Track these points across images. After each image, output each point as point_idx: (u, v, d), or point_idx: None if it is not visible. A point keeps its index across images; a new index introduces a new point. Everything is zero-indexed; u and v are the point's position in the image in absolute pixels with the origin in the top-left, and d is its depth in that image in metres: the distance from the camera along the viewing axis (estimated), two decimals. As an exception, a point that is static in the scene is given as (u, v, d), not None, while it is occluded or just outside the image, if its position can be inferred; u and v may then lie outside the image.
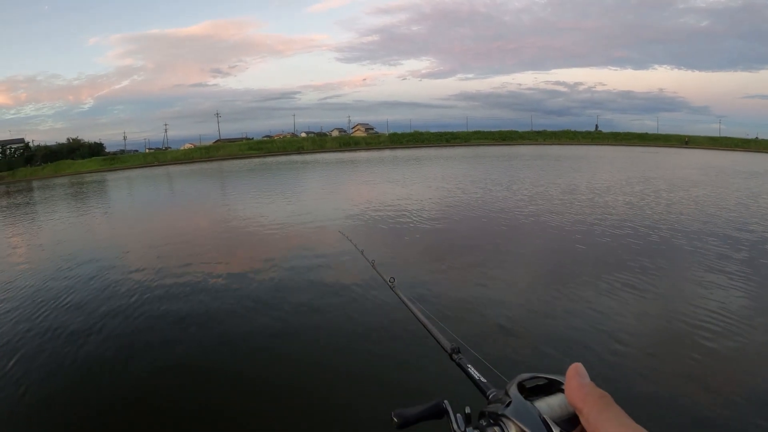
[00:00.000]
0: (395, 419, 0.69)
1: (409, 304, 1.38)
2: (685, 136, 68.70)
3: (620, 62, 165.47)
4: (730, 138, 67.46)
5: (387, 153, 48.94)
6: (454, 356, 0.93)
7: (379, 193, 16.34)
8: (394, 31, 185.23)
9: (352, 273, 6.90)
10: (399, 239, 9.29)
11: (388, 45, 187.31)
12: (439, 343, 1.04)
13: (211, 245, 9.58)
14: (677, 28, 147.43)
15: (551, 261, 7.59)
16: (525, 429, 0.51)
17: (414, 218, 11.20)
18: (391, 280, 1.71)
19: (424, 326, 1.17)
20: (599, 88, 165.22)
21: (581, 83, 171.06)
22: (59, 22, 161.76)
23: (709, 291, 5.85)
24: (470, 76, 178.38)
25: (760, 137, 68.50)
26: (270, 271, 7.35)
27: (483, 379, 0.78)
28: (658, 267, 6.90)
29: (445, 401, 0.67)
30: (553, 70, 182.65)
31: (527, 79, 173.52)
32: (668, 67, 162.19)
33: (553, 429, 0.49)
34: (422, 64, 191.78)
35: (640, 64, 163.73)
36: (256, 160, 47.77)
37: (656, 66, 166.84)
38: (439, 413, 0.67)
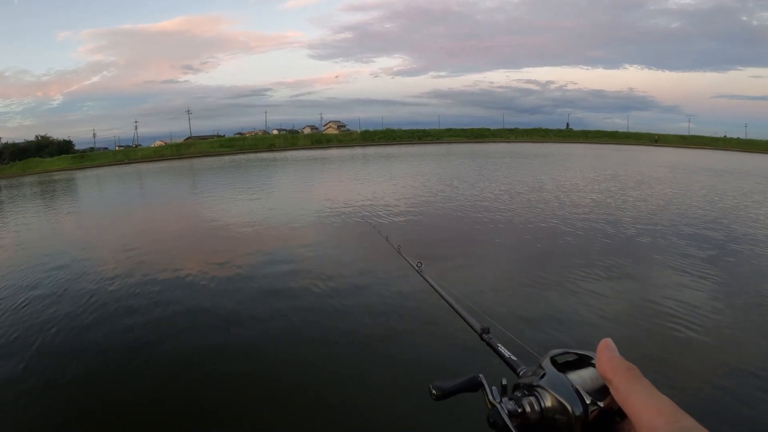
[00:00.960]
0: (434, 391, 0.71)
1: (437, 287, 1.39)
2: (655, 135, 69.94)
3: (592, 62, 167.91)
4: (699, 137, 68.95)
5: (359, 150, 49.15)
6: (484, 336, 0.95)
7: (362, 190, 16.56)
8: (367, 29, 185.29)
9: (375, 260, 7.28)
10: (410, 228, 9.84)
11: (361, 42, 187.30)
12: (468, 324, 1.05)
13: (199, 246, 9.43)
14: (649, 29, 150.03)
15: (556, 249, 8.10)
16: (559, 398, 0.53)
17: (410, 209, 11.77)
18: (419, 264, 1.71)
19: (453, 308, 1.18)
20: (570, 86, 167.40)
21: (553, 82, 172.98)
22: (29, 17, 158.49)
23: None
24: (443, 74, 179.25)
25: (729, 136, 70.31)
26: (292, 261, 7.61)
27: (513, 357, 0.80)
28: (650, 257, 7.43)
29: (480, 375, 0.69)
30: (525, 69, 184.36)
31: (499, 78, 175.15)
32: (639, 67, 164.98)
33: (585, 398, 0.52)
34: (395, 61, 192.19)
35: (612, 63, 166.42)
36: (229, 157, 47.55)
37: (627, 66, 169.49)
38: (475, 386, 0.69)
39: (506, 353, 0.83)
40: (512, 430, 0.57)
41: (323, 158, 38.36)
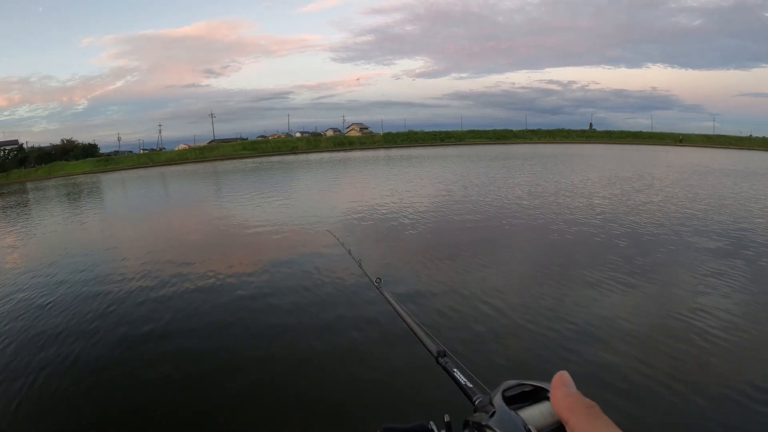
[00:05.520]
0: None
1: (396, 305, 1.33)
2: (679, 134, 68.89)
3: (614, 61, 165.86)
4: (724, 136, 67.74)
5: (381, 152, 48.99)
6: (440, 360, 0.91)
7: (372, 193, 16.34)
8: (388, 31, 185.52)
9: (340, 273, 6.92)
10: (387, 239, 9.34)
11: (382, 45, 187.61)
12: (425, 346, 1.01)
13: (203, 248, 9.42)
14: (670, 28, 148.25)
15: (534, 263, 7.45)
16: None
17: (404, 218, 11.25)
18: (378, 280, 1.66)
19: (410, 328, 1.14)
20: (592, 86, 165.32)
21: (574, 82, 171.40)
22: (53, 23, 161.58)
23: (703, 294, 5.81)
24: (464, 75, 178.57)
25: (754, 135, 68.94)
26: (258, 273, 7.30)
27: (469, 384, 0.76)
28: (643, 268, 6.80)
29: (431, 422, 0.66)
30: (546, 69, 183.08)
31: (520, 78, 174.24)
32: (661, 66, 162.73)
33: None
34: (416, 63, 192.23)
35: (634, 62, 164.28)
36: (251, 160, 47.72)
37: (649, 65, 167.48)
38: None
39: (462, 379, 0.79)
40: None
41: (349, 160, 38.34)
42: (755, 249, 7.74)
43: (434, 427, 0.65)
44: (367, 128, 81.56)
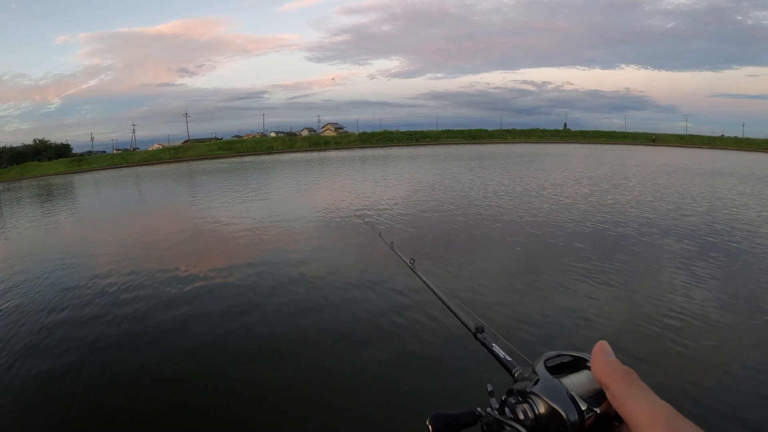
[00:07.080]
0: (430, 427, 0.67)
1: (431, 285, 1.35)
2: (652, 134, 70.37)
3: (588, 62, 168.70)
4: (696, 136, 69.45)
5: (357, 152, 49.24)
6: (479, 335, 0.94)
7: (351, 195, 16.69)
8: (364, 31, 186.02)
9: (370, 256, 7.34)
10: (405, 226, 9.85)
11: (358, 44, 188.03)
12: (462, 322, 1.03)
13: (214, 244, 9.54)
14: (645, 30, 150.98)
15: (551, 250, 8.01)
16: (553, 405, 0.52)
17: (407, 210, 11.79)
18: (412, 261, 1.67)
19: (447, 306, 1.15)
20: (567, 87, 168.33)
21: (549, 82, 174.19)
22: (26, 21, 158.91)
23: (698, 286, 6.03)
24: (440, 75, 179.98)
25: (726, 135, 70.64)
26: (287, 259, 7.65)
27: (508, 358, 0.79)
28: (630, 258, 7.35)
29: (478, 408, 0.66)
30: (521, 70, 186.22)
31: (495, 79, 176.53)
32: (635, 67, 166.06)
33: (581, 404, 0.50)
34: (392, 63, 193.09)
35: (608, 63, 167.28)
36: (227, 160, 47.53)
37: (623, 66, 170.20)
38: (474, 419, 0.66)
39: (501, 353, 0.82)
40: None
41: (325, 159, 38.43)
42: (722, 248, 8.01)
43: (482, 412, 0.65)
44: (342, 128, 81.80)
